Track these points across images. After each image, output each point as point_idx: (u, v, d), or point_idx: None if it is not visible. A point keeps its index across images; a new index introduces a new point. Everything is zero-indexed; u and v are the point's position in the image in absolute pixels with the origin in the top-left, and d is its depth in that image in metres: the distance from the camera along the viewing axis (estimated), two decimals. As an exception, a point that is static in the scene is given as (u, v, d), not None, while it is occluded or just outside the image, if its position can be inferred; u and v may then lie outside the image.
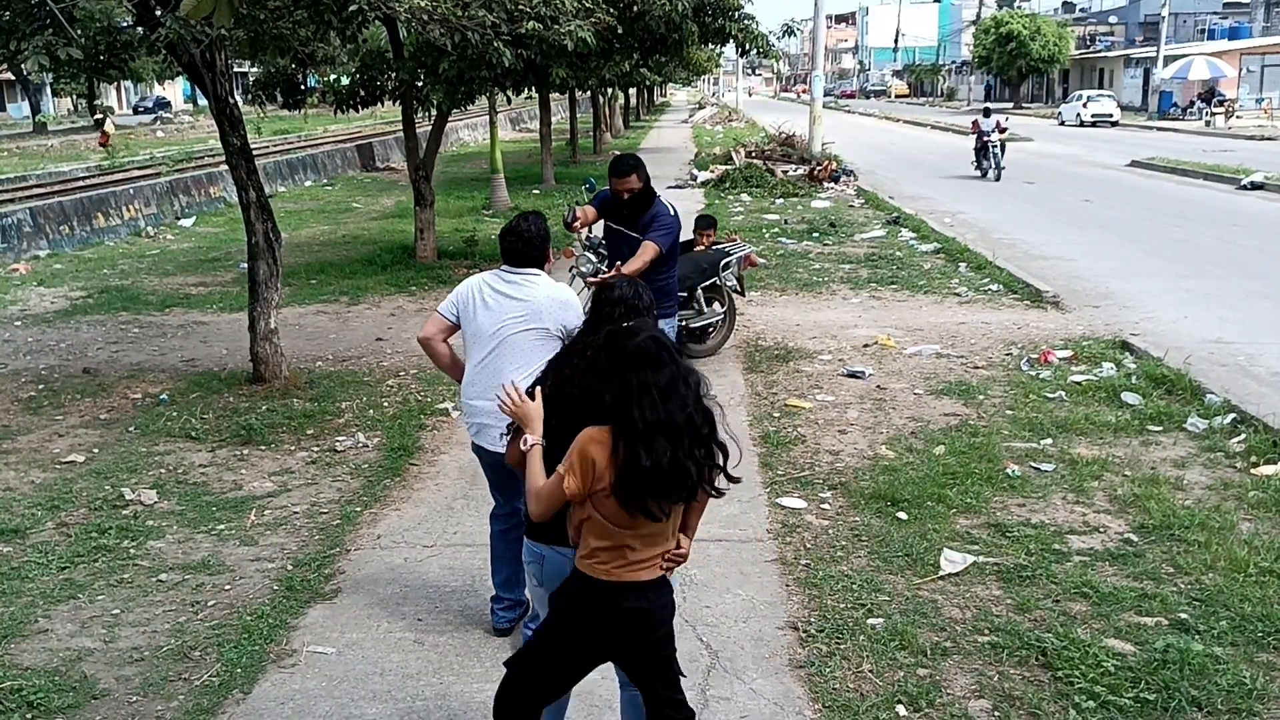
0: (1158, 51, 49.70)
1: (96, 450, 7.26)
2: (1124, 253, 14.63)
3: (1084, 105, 48.41)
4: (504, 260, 4.39)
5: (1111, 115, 47.31)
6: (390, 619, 4.89)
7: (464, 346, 4.49)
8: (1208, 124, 42.98)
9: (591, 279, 6.83)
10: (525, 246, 4.32)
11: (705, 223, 9.93)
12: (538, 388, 3.33)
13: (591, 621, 3.12)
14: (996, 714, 4.05)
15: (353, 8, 9.02)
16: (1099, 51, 66.43)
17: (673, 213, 6.37)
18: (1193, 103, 47.84)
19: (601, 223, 6.93)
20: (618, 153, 35.85)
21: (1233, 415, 7.30)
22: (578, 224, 6.69)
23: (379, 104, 14.83)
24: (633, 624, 3.12)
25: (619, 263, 6.26)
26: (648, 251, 6.16)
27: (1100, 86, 59.45)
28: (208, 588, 5.25)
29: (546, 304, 4.29)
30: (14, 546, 5.73)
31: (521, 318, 4.30)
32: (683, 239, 10.10)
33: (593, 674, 4.33)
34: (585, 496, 3.00)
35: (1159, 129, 43.96)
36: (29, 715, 4.16)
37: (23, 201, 18.24)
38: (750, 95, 72.71)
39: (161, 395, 8.46)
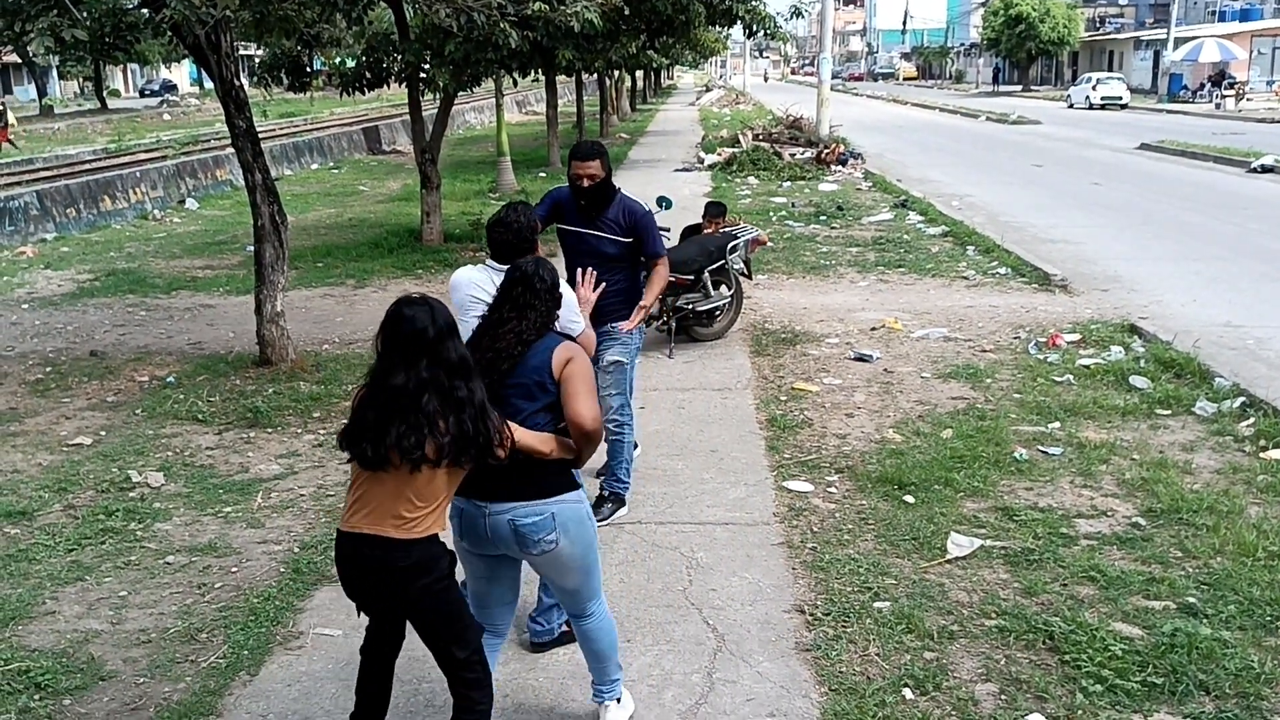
0: (1168, 33, 49.38)
1: (103, 433, 7.27)
2: (1133, 236, 14.56)
3: (1093, 88, 48.19)
4: (492, 254, 4.26)
5: (1120, 98, 47.07)
6: (397, 601, 4.89)
7: None
8: (1218, 107, 42.74)
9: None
10: (515, 239, 4.21)
11: (715, 209, 9.88)
12: None
13: (344, 571, 3.27)
14: (1003, 697, 4.04)
15: (358, -12, 8.98)
16: (1108, 34, 66.07)
17: (646, 208, 5.75)
18: (1203, 85, 47.56)
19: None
20: (624, 135, 35.72)
21: (1242, 399, 7.27)
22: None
23: (385, 86, 14.78)
24: (374, 575, 3.20)
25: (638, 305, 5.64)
26: (661, 270, 5.72)
27: (1109, 69, 59.16)
28: (215, 570, 5.26)
29: None
30: (21, 528, 5.74)
31: None
32: (690, 224, 10.16)
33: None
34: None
35: (1168, 112, 43.76)
36: (36, 697, 4.17)
37: (29, 184, 18.24)
38: (766, 80, 70.64)
39: (168, 378, 8.47)
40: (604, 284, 4.62)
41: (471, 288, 4.32)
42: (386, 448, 3.06)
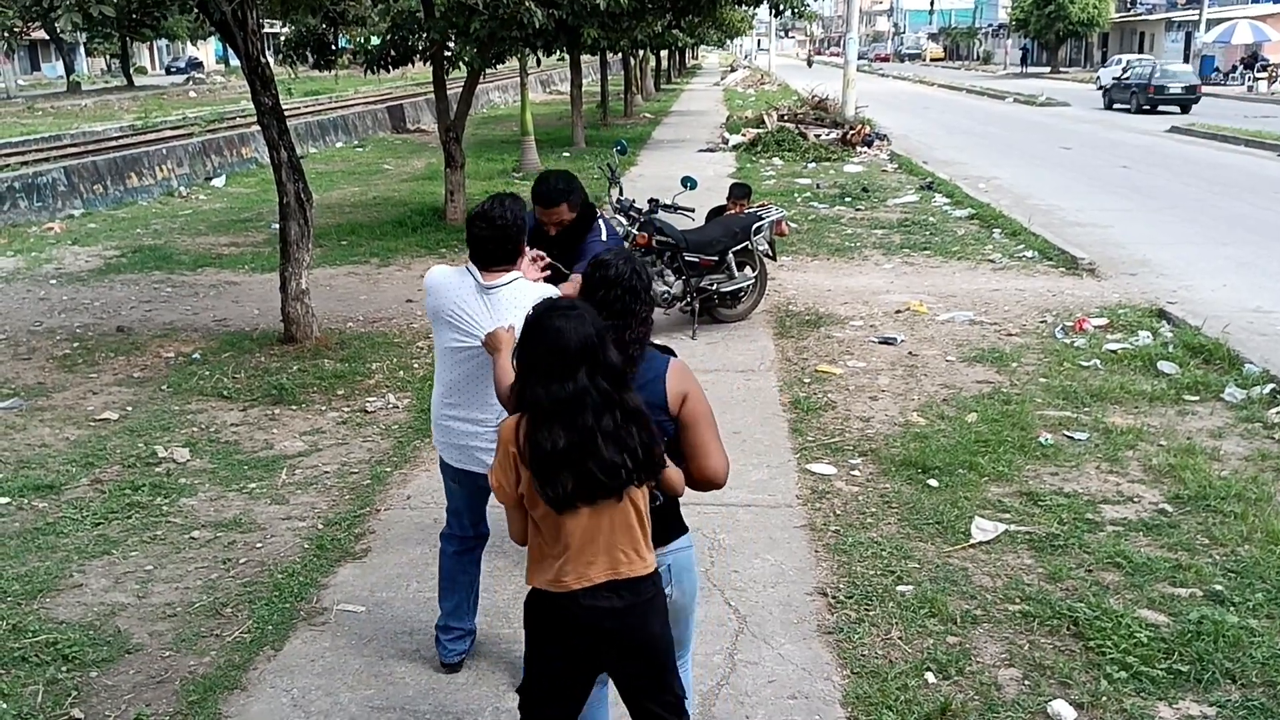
0: (1200, 14, 48.60)
1: (130, 408, 7.33)
2: (1162, 219, 14.40)
3: (1123, 70, 47.60)
4: (470, 253, 3.77)
5: (1151, 80, 46.46)
6: (420, 578, 4.91)
7: (435, 354, 4.04)
8: (1250, 89, 42.19)
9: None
10: (499, 236, 3.70)
11: (740, 191, 9.85)
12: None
13: (574, 638, 2.82)
14: (1026, 683, 4.02)
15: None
16: (1139, 15, 65.19)
17: (611, 231, 5.02)
18: (1235, 67, 46.92)
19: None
20: (648, 115, 35.30)
21: (1271, 385, 7.19)
22: None
23: (410, 65, 14.78)
24: (615, 628, 2.79)
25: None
26: (577, 283, 4.32)
27: (1140, 51, 58.38)
28: (239, 545, 5.30)
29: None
30: (49, 502, 5.80)
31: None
32: (715, 205, 10.11)
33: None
34: (517, 494, 2.76)
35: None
36: (64, 668, 4.22)
37: (57, 161, 18.33)
38: (810, 65, 67.66)
39: (194, 354, 8.52)
40: None
41: (448, 299, 3.80)
42: (589, 478, 2.65)
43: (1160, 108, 33.20)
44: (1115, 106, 35.71)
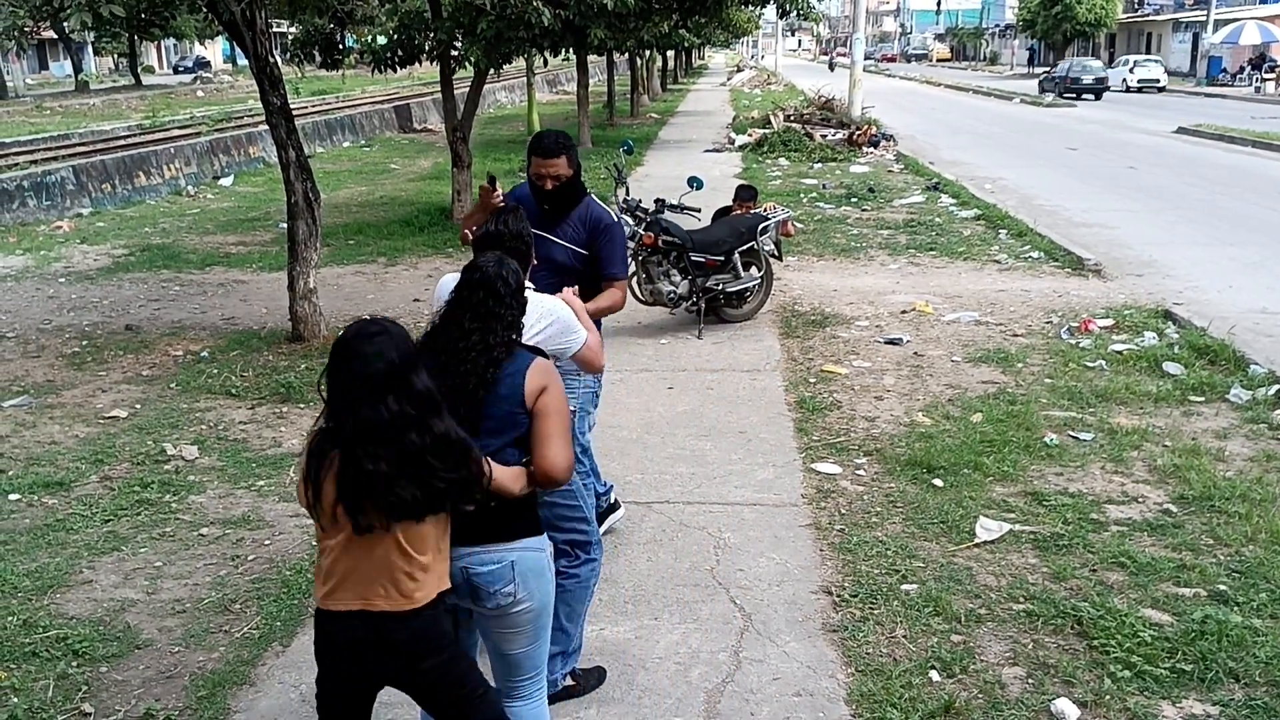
0: (1208, 15, 48.59)
1: (139, 406, 7.36)
2: (1168, 220, 14.40)
3: (1130, 70, 47.62)
4: None
5: (1158, 81, 46.52)
6: (426, 576, 4.94)
7: None
8: (1257, 90, 42.13)
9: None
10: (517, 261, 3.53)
11: (746, 193, 9.87)
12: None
13: (329, 658, 2.78)
14: (1030, 681, 4.04)
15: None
16: (1147, 15, 65.09)
17: (616, 218, 4.82)
18: (1243, 69, 46.88)
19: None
20: (655, 115, 35.25)
21: (1277, 386, 7.19)
22: (496, 198, 4.42)
23: (417, 64, 14.80)
24: (368, 658, 2.75)
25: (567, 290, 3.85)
26: (615, 294, 4.64)
27: (1147, 51, 58.36)
28: (248, 542, 5.33)
29: (539, 327, 3.46)
30: (59, 499, 5.84)
31: None
32: (721, 206, 10.13)
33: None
34: (308, 504, 2.71)
35: (1207, 95, 43.16)
36: (74, 663, 4.25)
37: (65, 160, 18.41)
38: (833, 69, 65.60)
39: (202, 353, 8.55)
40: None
41: None
42: (368, 502, 2.61)
43: (1083, 95, 42.27)
44: (1044, 92, 44.39)
